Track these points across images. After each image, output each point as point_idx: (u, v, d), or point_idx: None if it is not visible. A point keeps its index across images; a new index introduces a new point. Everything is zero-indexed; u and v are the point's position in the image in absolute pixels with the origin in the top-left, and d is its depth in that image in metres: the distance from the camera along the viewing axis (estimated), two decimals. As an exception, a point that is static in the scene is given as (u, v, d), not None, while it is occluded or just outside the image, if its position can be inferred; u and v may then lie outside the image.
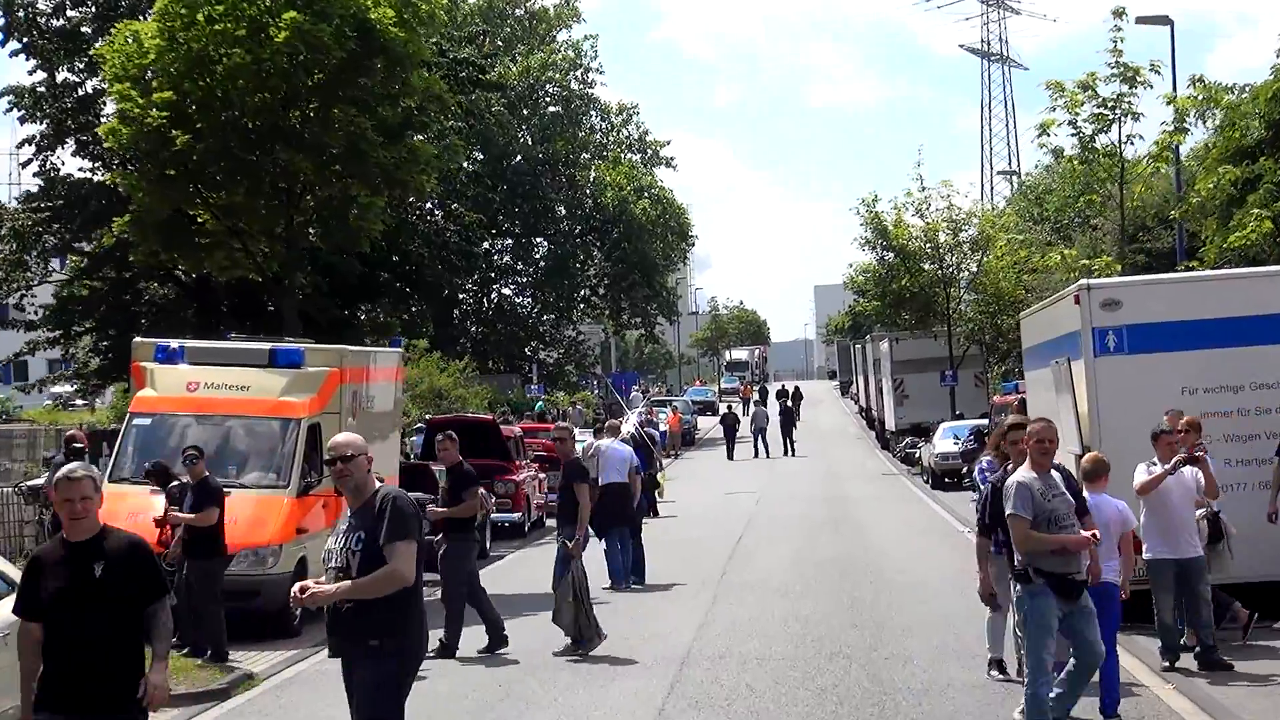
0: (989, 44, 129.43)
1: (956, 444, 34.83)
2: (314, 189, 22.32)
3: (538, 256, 65.28)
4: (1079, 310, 15.21)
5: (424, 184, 23.10)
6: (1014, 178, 73.56)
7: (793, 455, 51.70)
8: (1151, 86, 24.15)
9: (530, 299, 65.77)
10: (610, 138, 67.83)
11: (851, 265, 50.93)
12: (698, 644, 15.07)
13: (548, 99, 64.28)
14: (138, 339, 19.38)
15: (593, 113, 66.63)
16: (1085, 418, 15.24)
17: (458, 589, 15.08)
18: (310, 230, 23.60)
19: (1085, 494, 11.22)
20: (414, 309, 50.38)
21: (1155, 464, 13.10)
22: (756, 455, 51.56)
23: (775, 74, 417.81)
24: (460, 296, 59.53)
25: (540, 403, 56.13)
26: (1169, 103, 22.51)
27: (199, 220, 22.83)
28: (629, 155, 67.12)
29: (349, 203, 22.33)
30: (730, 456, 51.78)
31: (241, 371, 18.03)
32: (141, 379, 18.26)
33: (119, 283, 33.43)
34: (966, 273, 47.04)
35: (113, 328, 32.94)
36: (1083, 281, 15.88)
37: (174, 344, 18.56)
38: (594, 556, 21.34)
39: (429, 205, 36.28)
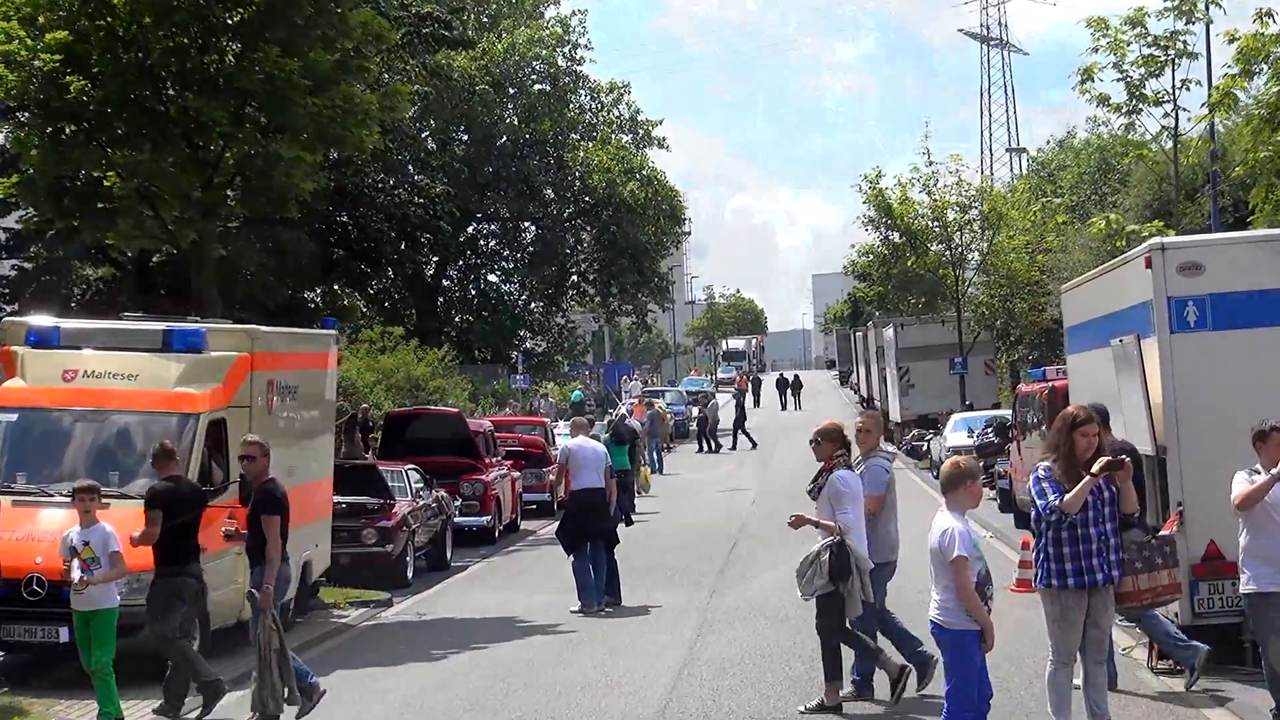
0: (988, 28, 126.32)
1: (971, 437, 32.09)
2: (232, 143, 19.18)
3: (525, 241, 62.63)
4: (1150, 276, 12.30)
5: (364, 139, 19.99)
6: (1023, 155, 70.55)
7: (754, 447, 48.96)
8: (1213, 22, 21.14)
9: (518, 286, 63.13)
10: (600, 117, 65.19)
11: (854, 246, 48.09)
12: (676, 696, 12.11)
13: (534, 76, 61.54)
14: (9, 318, 16.33)
15: (582, 91, 64.06)
16: (1158, 409, 12.34)
17: (165, 633, 12.03)
18: (230, 193, 20.46)
19: (944, 508, 9.32)
20: (396, 295, 47.70)
21: (1259, 470, 10.33)
22: (720, 449, 49.41)
23: (771, 64, 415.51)
24: (445, 284, 57.06)
25: (578, 392, 53.46)
26: (1230, 41, 19.50)
27: (105, 182, 19.77)
28: (619, 135, 64.43)
29: (274, 160, 19.20)
30: (732, 448, 49.58)
31: (130, 357, 14.98)
32: (11, 366, 15.19)
33: (52, 262, 30.33)
34: (976, 253, 44.19)
35: (42, 312, 29.74)
36: (1155, 240, 12.89)
37: (50, 324, 15.56)
38: (560, 571, 18.54)
39: (389, 180, 33.17)
